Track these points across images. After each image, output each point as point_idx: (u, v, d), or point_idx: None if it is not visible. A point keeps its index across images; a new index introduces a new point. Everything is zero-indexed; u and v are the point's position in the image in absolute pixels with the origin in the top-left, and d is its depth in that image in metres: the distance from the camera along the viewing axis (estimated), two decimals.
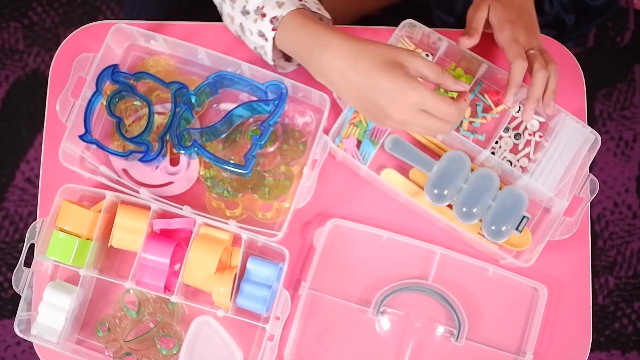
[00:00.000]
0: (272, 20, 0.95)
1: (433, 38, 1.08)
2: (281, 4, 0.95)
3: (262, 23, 0.96)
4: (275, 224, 1.06)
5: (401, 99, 0.86)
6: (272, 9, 0.95)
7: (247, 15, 0.98)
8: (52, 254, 1.00)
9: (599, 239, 1.74)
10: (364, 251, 1.07)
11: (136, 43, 1.11)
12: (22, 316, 1.01)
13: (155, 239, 1.01)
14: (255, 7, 0.97)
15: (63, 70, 1.09)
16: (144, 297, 1.04)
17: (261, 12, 0.96)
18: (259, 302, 1.00)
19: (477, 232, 1.06)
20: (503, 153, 1.08)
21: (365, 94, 0.88)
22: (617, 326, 1.72)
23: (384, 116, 0.89)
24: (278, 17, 0.95)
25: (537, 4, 1.35)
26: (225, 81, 1.05)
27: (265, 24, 0.96)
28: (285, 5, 0.95)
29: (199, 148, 1.02)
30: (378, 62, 0.87)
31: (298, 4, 0.96)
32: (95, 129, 1.08)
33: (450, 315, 1.05)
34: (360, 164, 1.05)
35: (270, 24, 0.95)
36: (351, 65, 0.88)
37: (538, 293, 1.06)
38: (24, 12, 1.84)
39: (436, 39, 1.08)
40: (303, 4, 0.96)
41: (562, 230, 1.03)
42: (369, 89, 0.87)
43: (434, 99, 0.86)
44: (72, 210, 1.01)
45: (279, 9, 0.95)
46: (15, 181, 1.77)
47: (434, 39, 1.08)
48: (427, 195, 1.04)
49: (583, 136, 1.05)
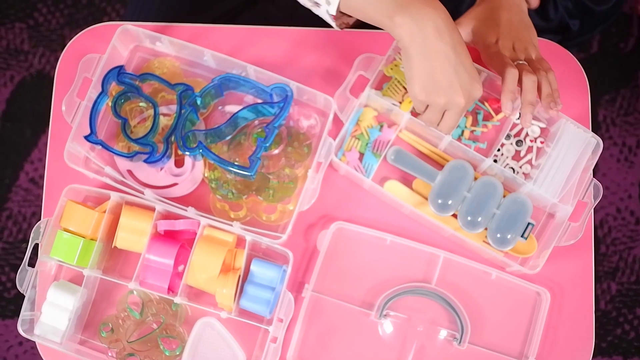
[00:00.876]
0: None
1: None
2: None
3: None
4: (279, 226, 1.07)
5: (466, 85, 0.89)
6: None
7: None
8: (56, 254, 1.00)
9: (602, 244, 1.73)
10: (368, 254, 1.07)
11: (142, 44, 1.11)
12: (25, 316, 1.01)
13: (160, 240, 1.01)
14: None
15: (68, 71, 1.09)
16: (147, 298, 1.04)
17: None
18: (262, 304, 1.00)
19: (482, 240, 1.06)
20: (505, 160, 1.09)
21: (443, 62, 0.87)
22: (619, 332, 1.72)
23: (440, 89, 0.89)
24: None
25: (542, 9, 1.35)
26: (231, 83, 1.05)
27: None
28: None
29: (203, 150, 1.02)
30: (465, 46, 0.89)
31: None
32: (101, 129, 1.08)
33: (453, 319, 1.05)
34: (363, 177, 1.05)
35: None
36: (451, 30, 0.86)
37: (541, 297, 1.06)
38: (29, 13, 1.85)
39: None
40: None
41: (567, 236, 1.03)
42: (456, 61, 0.87)
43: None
44: (77, 211, 1.01)
45: None
46: (19, 181, 1.78)
47: None
48: (432, 206, 1.04)
49: (585, 141, 1.05)
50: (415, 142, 1.09)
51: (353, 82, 1.05)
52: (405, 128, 1.09)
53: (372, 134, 1.08)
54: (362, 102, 1.07)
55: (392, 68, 1.09)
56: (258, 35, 1.12)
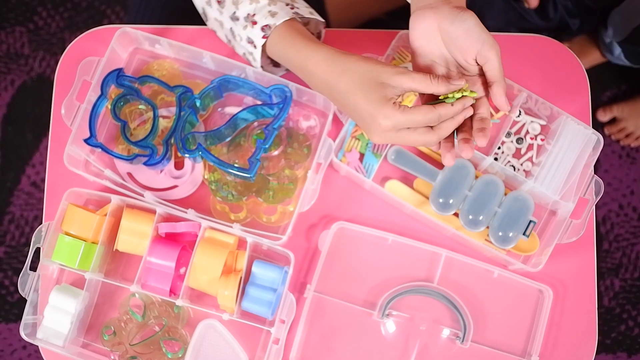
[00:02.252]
0: (263, 28, 0.95)
1: None
2: (274, 13, 0.95)
3: (252, 30, 0.96)
4: (280, 227, 1.06)
5: (374, 124, 0.83)
6: (264, 18, 0.95)
7: (237, 21, 0.98)
8: (57, 258, 1.00)
9: (605, 241, 1.73)
10: (369, 254, 1.07)
11: (141, 47, 1.11)
12: (28, 320, 1.01)
13: (161, 243, 1.01)
14: (245, 14, 0.97)
15: (68, 74, 1.09)
16: (149, 300, 1.04)
17: (252, 20, 0.96)
18: (264, 305, 1.00)
19: (484, 239, 1.06)
20: (506, 158, 1.08)
21: (349, 113, 0.87)
22: (622, 328, 1.71)
23: (369, 134, 0.87)
24: (270, 26, 0.94)
25: (542, 8, 1.35)
26: (230, 85, 1.05)
27: (255, 31, 0.96)
28: (278, 15, 0.95)
29: (203, 152, 1.02)
30: (358, 83, 0.84)
31: (291, 12, 0.95)
32: (100, 132, 1.08)
33: (455, 317, 1.05)
34: (364, 178, 1.05)
35: (261, 32, 0.95)
36: (335, 84, 0.86)
37: (543, 295, 1.05)
38: (29, 17, 1.85)
39: None
40: (295, 12, 0.96)
41: (569, 233, 1.03)
42: (351, 109, 0.86)
43: (406, 117, 0.81)
44: (78, 214, 1.01)
45: (271, 18, 0.95)
46: (21, 185, 1.78)
47: None
48: (433, 205, 1.04)
49: (585, 137, 1.04)
50: None
51: None
52: None
53: None
54: None
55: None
56: None
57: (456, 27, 0.83)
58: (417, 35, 0.86)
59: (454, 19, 0.83)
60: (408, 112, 0.81)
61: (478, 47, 0.82)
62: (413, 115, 0.81)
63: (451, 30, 0.84)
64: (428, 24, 0.85)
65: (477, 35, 0.82)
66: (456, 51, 0.85)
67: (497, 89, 0.84)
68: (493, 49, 0.82)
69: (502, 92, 0.84)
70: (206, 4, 1.01)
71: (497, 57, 0.83)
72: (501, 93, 0.84)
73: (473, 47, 0.83)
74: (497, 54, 0.83)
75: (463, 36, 0.83)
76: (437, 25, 0.84)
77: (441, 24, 0.84)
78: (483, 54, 0.83)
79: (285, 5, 0.96)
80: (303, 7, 0.98)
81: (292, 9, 0.96)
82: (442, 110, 0.82)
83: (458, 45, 0.84)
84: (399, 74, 0.82)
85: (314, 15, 0.99)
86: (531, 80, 1.10)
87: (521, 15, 1.36)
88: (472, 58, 0.84)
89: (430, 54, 0.87)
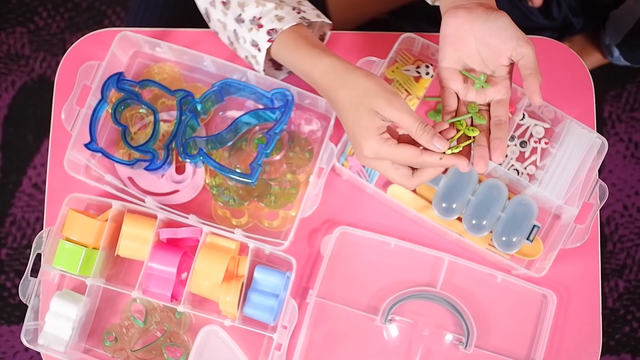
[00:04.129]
0: (269, 32, 0.95)
1: (432, 49, 1.07)
2: (280, 17, 0.95)
3: (258, 33, 0.96)
4: (282, 233, 1.06)
5: (359, 147, 0.85)
6: (270, 22, 0.95)
7: (242, 23, 0.97)
8: (58, 264, 1.00)
9: (609, 242, 1.72)
10: (372, 259, 1.06)
11: (141, 50, 1.10)
12: (29, 325, 1.01)
13: (162, 248, 1.01)
14: (251, 17, 0.96)
15: (68, 78, 1.08)
16: (150, 306, 1.03)
17: (257, 23, 0.96)
18: (266, 311, 1.00)
19: (487, 244, 1.05)
20: (509, 162, 1.07)
21: (343, 125, 0.88)
22: (627, 330, 1.71)
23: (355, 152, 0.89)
24: (277, 30, 0.94)
25: (546, 8, 1.34)
26: (231, 89, 1.05)
27: (261, 34, 0.95)
28: (285, 19, 0.94)
29: (204, 156, 1.01)
30: (353, 103, 0.85)
31: (297, 18, 0.95)
32: (101, 137, 1.08)
33: (458, 322, 1.04)
34: (366, 182, 1.04)
35: (267, 35, 0.95)
36: (334, 96, 0.87)
37: (547, 300, 1.05)
38: (29, 17, 1.84)
39: (435, 50, 1.07)
40: (302, 16, 0.96)
41: (573, 238, 1.02)
42: (344, 123, 0.87)
43: (390, 151, 0.83)
44: (79, 220, 1.01)
45: (278, 22, 0.94)
46: (22, 187, 1.77)
47: (433, 50, 1.07)
48: (436, 210, 1.03)
49: (589, 141, 1.04)
50: None
51: None
52: None
53: None
54: None
55: (393, 70, 1.08)
56: None
57: (489, 25, 0.84)
58: (448, 32, 0.87)
59: (487, 18, 0.84)
60: (393, 148, 0.83)
61: (513, 44, 0.83)
62: (396, 153, 0.83)
63: (484, 30, 0.84)
64: (461, 22, 0.85)
65: (512, 32, 0.83)
66: (488, 51, 0.86)
67: (533, 79, 0.83)
68: (528, 44, 0.83)
69: (537, 84, 0.83)
70: (210, 4, 1.01)
71: (533, 52, 0.84)
72: (536, 84, 0.83)
73: (507, 45, 0.84)
74: (533, 49, 0.84)
75: (496, 34, 0.84)
76: (470, 25, 0.85)
77: (474, 23, 0.85)
78: (518, 50, 0.83)
79: (292, 10, 0.96)
80: (310, 10, 0.98)
81: (298, 14, 0.96)
82: (428, 159, 0.83)
83: (492, 44, 0.85)
84: (391, 106, 0.83)
85: (321, 17, 0.98)
86: None
87: (525, 15, 1.35)
88: (506, 57, 0.85)
89: (458, 52, 0.87)
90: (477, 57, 0.87)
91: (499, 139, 0.85)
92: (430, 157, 0.83)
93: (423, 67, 1.09)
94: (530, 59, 0.83)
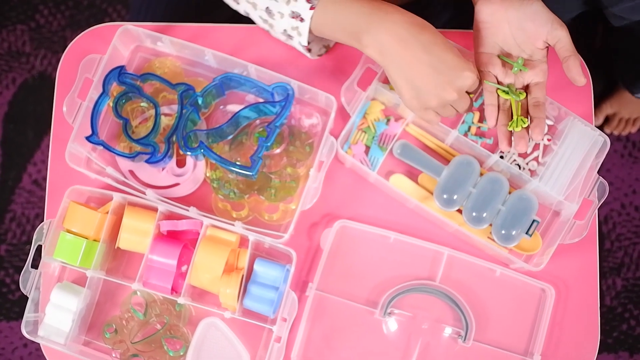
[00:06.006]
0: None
1: None
2: None
3: (297, 4, 0.92)
4: (282, 226, 1.06)
5: (457, 76, 0.87)
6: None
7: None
8: (59, 256, 1.00)
9: (607, 240, 1.73)
10: (371, 252, 1.06)
11: (143, 44, 1.11)
12: (29, 317, 1.01)
13: (163, 241, 1.01)
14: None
15: (70, 71, 1.09)
16: (151, 298, 1.04)
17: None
18: (266, 303, 1.00)
19: (487, 236, 1.05)
20: (512, 157, 1.08)
21: (419, 68, 0.87)
22: (624, 328, 1.71)
23: (427, 92, 0.89)
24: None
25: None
26: (232, 83, 1.05)
27: (300, 3, 0.92)
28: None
29: (205, 149, 1.02)
30: (441, 39, 0.87)
31: None
32: (102, 130, 1.08)
33: (457, 316, 1.05)
34: (369, 170, 1.04)
35: (307, 3, 0.91)
36: (416, 34, 0.87)
37: (545, 294, 1.05)
38: (30, 15, 1.84)
39: None
40: None
41: (572, 234, 1.03)
42: (430, 61, 0.87)
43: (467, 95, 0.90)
44: (79, 212, 1.01)
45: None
46: (22, 183, 1.78)
47: None
48: (437, 200, 1.03)
49: (592, 139, 1.04)
50: (422, 137, 1.09)
51: (360, 75, 1.05)
52: (412, 122, 1.09)
53: (379, 127, 1.08)
54: (370, 95, 1.06)
55: None
56: (259, 34, 1.11)
57: (524, 10, 0.88)
58: (482, 18, 0.91)
59: (521, 4, 0.88)
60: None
61: (548, 28, 0.88)
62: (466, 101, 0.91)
63: (519, 15, 0.89)
64: (495, 8, 0.90)
65: (546, 17, 0.88)
66: (524, 36, 0.90)
67: (573, 61, 0.88)
68: (563, 27, 0.88)
69: (578, 64, 0.88)
70: None
71: (568, 35, 0.88)
72: (577, 65, 0.88)
73: (542, 29, 0.88)
74: (567, 32, 0.88)
75: (531, 19, 0.88)
76: (504, 11, 0.89)
77: (508, 9, 0.89)
78: (553, 34, 0.88)
79: None
80: None
81: None
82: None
83: (527, 29, 0.89)
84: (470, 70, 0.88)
85: None
86: None
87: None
88: (542, 40, 0.89)
89: (494, 37, 0.91)
90: (512, 41, 0.91)
91: (538, 118, 0.90)
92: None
93: None
94: (566, 41, 0.87)
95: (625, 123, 1.75)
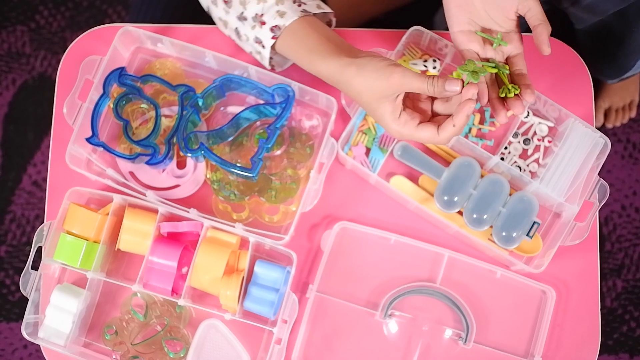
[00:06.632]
0: (272, 29, 0.95)
1: (440, 44, 1.08)
2: (282, 13, 0.95)
3: (261, 31, 0.96)
4: (282, 227, 1.06)
5: (388, 130, 0.90)
6: (272, 18, 0.95)
7: (245, 21, 0.98)
8: (59, 257, 1.00)
9: (607, 242, 1.73)
10: (372, 254, 1.06)
11: (143, 46, 1.11)
12: (29, 319, 1.01)
13: (163, 242, 1.01)
14: (253, 14, 0.97)
15: (70, 73, 1.09)
16: (151, 300, 1.04)
17: (260, 20, 0.96)
18: (267, 305, 1.00)
19: (487, 238, 1.05)
20: (512, 158, 1.08)
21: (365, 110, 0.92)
22: (625, 329, 1.71)
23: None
24: (280, 27, 0.95)
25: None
26: (232, 84, 1.05)
27: (264, 31, 0.96)
28: (287, 14, 0.95)
29: (205, 151, 1.02)
30: (363, 103, 0.90)
31: (299, 11, 0.95)
32: (102, 131, 1.08)
33: (458, 318, 1.05)
34: (369, 172, 1.04)
35: (270, 32, 0.96)
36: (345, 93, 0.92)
37: (546, 296, 1.05)
38: (30, 16, 1.84)
39: (443, 45, 1.07)
40: (304, 9, 0.96)
41: (572, 236, 1.03)
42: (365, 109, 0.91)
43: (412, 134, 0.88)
44: (80, 213, 1.01)
45: (280, 18, 0.95)
46: (22, 184, 1.77)
47: (440, 45, 1.08)
48: (437, 202, 1.03)
49: (592, 141, 1.04)
50: None
51: None
52: None
53: (379, 129, 1.08)
54: None
55: (400, 63, 1.08)
56: None
57: None
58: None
59: None
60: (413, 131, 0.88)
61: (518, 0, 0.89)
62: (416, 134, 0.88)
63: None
64: None
65: None
66: (496, 9, 0.90)
67: (542, 29, 0.89)
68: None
69: (546, 34, 0.88)
70: (212, 3, 1.01)
71: (538, 4, 0.89)
72: (545, 34, 0.88)
73: (513, 1, 0.89)
74: (537, 1, 0.89)
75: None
76: None
77: None
78: (524, 3, 0.89)
79: (293, 3, 0.96)
80: (310, 2, 0.98)
81: (299, 7, 0.96)
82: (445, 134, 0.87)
83: (497, 1, 0.90)
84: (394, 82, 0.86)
85: (322, 8, 0.99)
86: (540, 81, 1.09)
87: None
88: (513, 12, 0.90)
89: (467, 14, 0.91)
90: (484, 15, 0.92)
91: (526, 84, 0.91)
92: (447, 133, 0.86)
93: (430, 61, 1.09)
94: (537, 10, 0.88)
95: (623, 111, 1.74)
